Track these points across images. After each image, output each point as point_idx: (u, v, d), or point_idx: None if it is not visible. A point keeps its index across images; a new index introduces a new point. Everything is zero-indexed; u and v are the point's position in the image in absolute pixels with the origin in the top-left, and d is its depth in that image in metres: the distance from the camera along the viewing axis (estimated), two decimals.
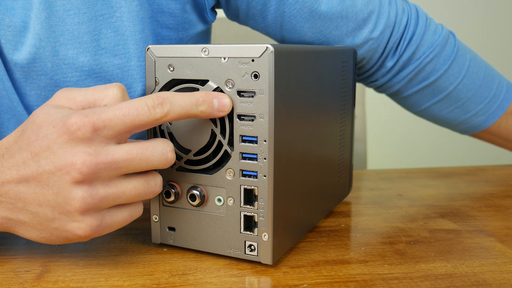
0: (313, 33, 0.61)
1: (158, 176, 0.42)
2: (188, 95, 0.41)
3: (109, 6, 0.53)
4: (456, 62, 0.65)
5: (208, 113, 0.41)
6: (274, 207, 0.43)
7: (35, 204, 0.40)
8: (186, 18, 0.58)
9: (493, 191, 0.68)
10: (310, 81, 0.47)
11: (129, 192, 0.40)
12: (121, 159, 0.39)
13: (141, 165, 0.40)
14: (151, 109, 0.39)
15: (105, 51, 0.54)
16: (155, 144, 0.40)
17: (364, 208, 0.61)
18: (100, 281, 0.41)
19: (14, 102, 0.55)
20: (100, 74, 0.54)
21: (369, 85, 0.70)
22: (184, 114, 0.40)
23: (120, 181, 0.40)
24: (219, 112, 0.42)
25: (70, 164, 0.38)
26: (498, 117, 0.69)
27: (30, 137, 0.40)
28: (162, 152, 0.40)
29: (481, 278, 0.42)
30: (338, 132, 0.56)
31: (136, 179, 0.41)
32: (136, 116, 0.39)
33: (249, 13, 0.61)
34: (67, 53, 0.53)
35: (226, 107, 0.42)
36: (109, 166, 0.39)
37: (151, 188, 0.42)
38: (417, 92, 0.68)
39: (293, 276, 0.43)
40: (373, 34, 0.62)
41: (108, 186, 0.39)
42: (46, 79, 0.54)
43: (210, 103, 0.41)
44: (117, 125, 0.39)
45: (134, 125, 0.39)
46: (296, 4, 0.59)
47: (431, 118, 0.72)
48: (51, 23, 0.52)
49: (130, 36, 0.54)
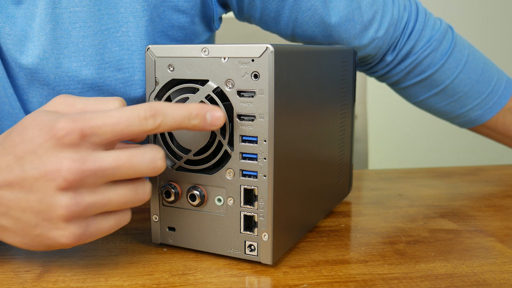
0: (323, 37, 0.62)
1: (147, 184, 0.41)
2: (182, 107, 0.39)
3: (115, 20, 0.53)
4: (453, 56, 0.66)
5: (200, 127, 0.40)
6: (274, 207, 0.43)
7: (18, 210, 0.38)
8: (194, 29, 0.58)
9: (493, 191, 0.68)
10: (310, 81, 0.47)
11: (116, 200, 0.39)
12: (108, 166, 0.38)
13: (129, 173, 0.39)
14: (142, 120, 0.38)
15: (109, 65, 0.53)
16: (145, 151, 0.39)
17: (364, 208, 0.61)
18: (100, 281, 0.41)
19: (16, 108, 0.55)
20: (102, 87, 0.54)
21: (370, 75, 0.71)
22: (175, 127, 0.39)
23: (107, 188, 0.39)
24: (211, 126, 0.40)
25: (55, 170, 0.37)
26: (495, 112, 0.69)
27: (15, 139, 0.38)
28: (151, 159, 0.39)
29: (481, 278, 0.42)
30: (338, 132, 0.56)
31: (123, 186, 0.40)
32: (126, 126, 0.38)
33: (262, 19, 0.62)
34: (70, 65, 0.53)
35: (219, 121, 0.40)
36: (96, 173, 0.37)
37: (139, 196, 0.40)
38: (414, 84, 0.68)
39: (293, 276, 0.43)
40: (378, 34, 0.62)
41: (94, 193, 0.38)
42: (48, 89, 0.54)
43: (204, 117, 0.40)
44: (106, 133, 0.38)
45: (123, 135, 0.38)
46: (308, 12, 0.60)
47: (428, 110, 0.73)
48: (56, 35, 0.52)
49: (136, 51, 0.54)
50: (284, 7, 0.60)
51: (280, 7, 0.60)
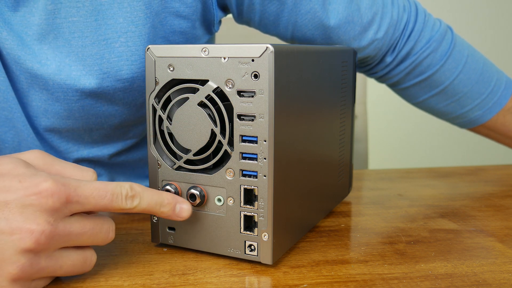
0: (323, 39, 0.62)
1: (94, 254, 0.41)
2: (156, 194, 0.41)
3: (113, 31, 0.52)
4: (453, 57, 0.66)
5: (167, 215, 0.42)
6: (274, 207, 0.43)
7: None
8: (194, 33, 0.58)
9: (493, 191, 0.68)
10: (310, 81, 0.47)
11: (66, 268, 0.39)
12: (75, 232, 0.38)
13: (89, 240, 0.39)
14: (123, 200, 0.39)
15: (107, 75, 0.53)
16: (103, 222, 0.40)
17: (364, 208, 0.61)
18: (100, 281, 0.41)
19: (16, 113, 0.54)
20: (101, 95, 0.54)
21: (370, 76, 0.71)
22: (147, 211, 0.41)
23: (60, 253, 0.38)
24: (177, 217, 0.43)
25: (27, 230, 0.35)
26: (495, 113, 0.69)
27: None
28: (107, 230, 0.40)
29: (481, 278, 0.42)
30: (338, 132, 0.56)
31: (75, 253, 0.39)
32: (110, 201, 0.38)
33: (261, 23, 0.62)
34: (70, 74, 0.53)
35: (186, 213, 0.43)
36: (62, 238, 0.37)
37: (86, 265, 0.40)
38: (414, 85, 0.68)
39: (293, 276, 0.43)
40: (378, 35, 0.62)
41: (50, 258, 0.37)
42: (48, 94, 0.54)
43: (173, 207, 0.42)
44: (90, 204, 0.38)
45: (102, 208, 0.38)
46: (307, 15, 0.60)
47: (428, 110, 0.73)
48: (58, 44, 0.52)
49: (136, 61, 0.54)
50: (283, 10, 0.60)
51: (280, 10, 0.60)
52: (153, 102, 0.45)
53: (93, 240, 0.39)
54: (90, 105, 0.55)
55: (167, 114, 0.45)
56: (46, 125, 0.56)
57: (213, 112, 0.43)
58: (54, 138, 0.58)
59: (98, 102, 0.55)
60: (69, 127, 0.57)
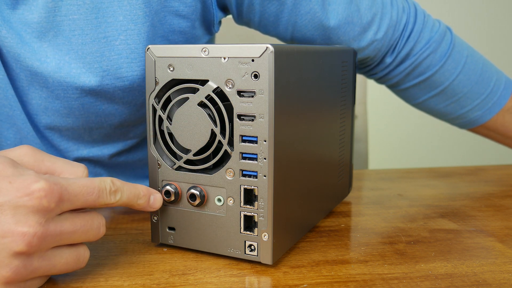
0: (322, 40, 0.62)
1: (87, 251, 0.41)
2: (134, 187, 0.42)
3: (113, 29, 0.52)
4: (452, 58, 0.66)
5: (142, 207, 0.43)
6: (274, 207, 0.43)
7: None
8: (194, 33, 0.59)
9: (493, 191, 0.68)
10: (310, 81, 0.47)
11: (60, 266, 0.38)
12: (67, 231, 0.38)
13: (81, 238, 0.39)
14: (108, 195, 0.40)
15: (107, 73, 0.53)
16: (93, 217, 0.40)
17: (364, 208, 0.61)
18: (100, 281, 0.41)
19: (16, 110, 0.54)
20: (101, 94, 0.54)
21: (369, 77, 0.71)
22: (125, 204, 0.42)
23: (53, 253, 0.38)
24: (150, 208, 0.44)
25: (19, 233, 0.35)
26: (494, 113, 0.69)
27: None
28: (98, 226, 0.40)
29: (481, 278, 0.42)
30: (338, 132, 0.56)
31: (67, 251, 0.39)
32: (97, 197, 0.39)
33: (261, 23, 0.62)
34: (70, 71, 0.53)
35: (157, 203, 0.44)
36: (54, 238, 0.37)
37: (79, 262, 0.40)
38: (414, 86, 0.68)
39: (293, 276, 0.43)
40: (377, 36, 0.62)
41: (42, 258, 0.37)
42: (48, 91, 0.54)
43: (148, 198, 0.44)
44: (79, 201, 0.38)
45: (90, 205, 0.39)
46: (307, 15, 0.60)
47: (428, 111, 0.73)
48: (58, 41, 0.52)
49: (136, 59, 0.54)
50: (283, 11, 0.60)
51: (279, 11, 0.60)
52: (153, 102, 0.45)
53: (84, 237, 0.39)
54: (90, 103, 0.55)
55: (167, 114, 0.45)
56: (46, 123, 0.56)
57: (213, 112, 0.43)
58: (54, 137, 0.58)
59: (98, 101, 0.55)
60: (69, 125, 0.57)
